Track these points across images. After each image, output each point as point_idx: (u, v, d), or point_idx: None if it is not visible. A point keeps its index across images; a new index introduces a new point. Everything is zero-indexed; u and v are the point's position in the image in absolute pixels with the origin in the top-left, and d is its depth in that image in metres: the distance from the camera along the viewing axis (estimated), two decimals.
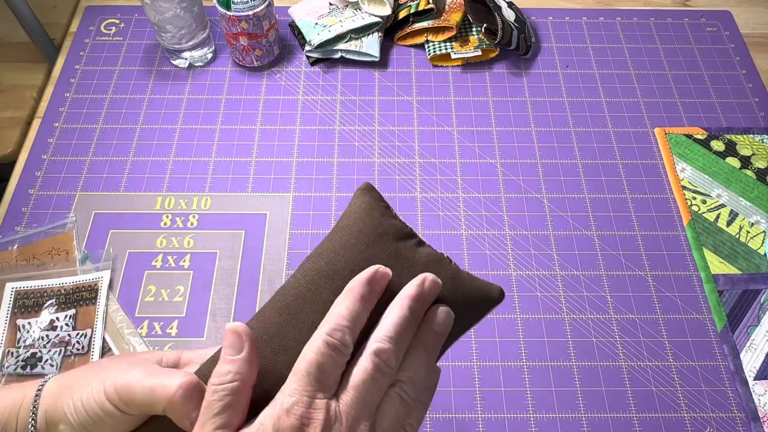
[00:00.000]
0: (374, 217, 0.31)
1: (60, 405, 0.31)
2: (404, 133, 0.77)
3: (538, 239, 0.69)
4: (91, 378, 0.31)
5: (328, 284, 0.30)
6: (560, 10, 0.90)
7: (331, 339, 0.28)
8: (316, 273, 0.30)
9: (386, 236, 0.30)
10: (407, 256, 0.30)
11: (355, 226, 0.31)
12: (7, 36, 0.94)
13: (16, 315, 0.61)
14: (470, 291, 0.30)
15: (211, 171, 0.73)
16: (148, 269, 0.66)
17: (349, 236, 0.30)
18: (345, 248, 0.30)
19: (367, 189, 0.32)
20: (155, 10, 0.73)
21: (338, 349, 0.28)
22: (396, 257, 0.30)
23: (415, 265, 0.30)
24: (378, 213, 0.31)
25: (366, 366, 0.28)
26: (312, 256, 0.31)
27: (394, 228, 0.31)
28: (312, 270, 0.30)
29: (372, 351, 0.28)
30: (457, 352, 0.61)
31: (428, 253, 0.30)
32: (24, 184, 0.72)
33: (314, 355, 0.27)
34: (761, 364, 0.61)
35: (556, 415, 0.58)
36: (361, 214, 0.31)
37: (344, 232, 0.31)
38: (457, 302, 0.30)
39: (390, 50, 0.85)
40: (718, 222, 0.70)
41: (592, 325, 0.63)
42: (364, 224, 0.31)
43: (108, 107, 0.79)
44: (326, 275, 0.30)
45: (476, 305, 0.31)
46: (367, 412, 0.28)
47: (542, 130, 0.78)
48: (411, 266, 0.30)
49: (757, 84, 0.82)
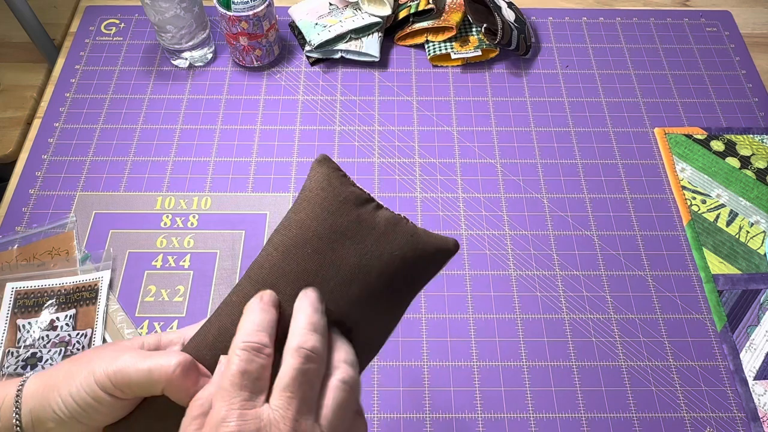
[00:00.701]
0: (334, 186, 0.32)
1: (47, 403, 0.31)
2: (404, 133, 0.77)
3: (538, 239, 0.69)
4: (77, 371, 0.31)
5: (300, 253, 0.31)
6: (560, 10, 0.90)
7: (247, 342, 0.27)
8: (288, 244, 0.32)
9: (347, 203, 0.32)
10: (368, 220, 0.32)
11: (318, 196, 0.32)
12: (7, 36, 0.94)
13: (16, 315, 0.61)
14: (428, 246, 0.33)
15: (211, 171, 0.73)
16: (148, 269, 0.66)
17: (313, 206, 0.32)
18: (310, 218, 0.32)
19: (323, 160, 0.34)
20: (155, 10, 0.73)
21: (257, 350, 0.27)
22: (359, 222, 0.32)
23: (376, 228, 0.32)
24: (337, 182, 0.33)
25: (291, 362, 0.27)
26: (280, 229, 0.33)
27: (353, 195, 0.33)
28: (282, 243, 0.32)
29: (295, 346, 0.28)
30: (457, 352, 0.61)
31: (387, 216, 0.33)
32: (24, 184, 0.72)
33: (234, 365, 0.27)
34: (761, 364, 0.61)
35: (556, 415, 0.58)
36: (322, 183, 0.33)
37: (308, 203, 0.32)
38: (416, 257, 0.32)
39: (390, 50, 0.85)
40: (717, 222, 0.70)
41: (592, 325, 0.63)
42: (325, 193, 0.32)
43: (108, 107, 0.79)
44: (297, 245, 0.32)
45: (434, 257, 0.33)
46: (306, 408, 0.27)
47: (542, 130, 0.78)
48: (373, 229, 0.32)
49: (757, 84, 0.82)
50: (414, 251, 0.32)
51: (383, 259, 0.32)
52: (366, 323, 0.32)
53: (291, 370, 0.27)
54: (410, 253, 0.32)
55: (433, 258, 0.33)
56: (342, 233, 0.32)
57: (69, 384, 0.31)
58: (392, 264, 0.32)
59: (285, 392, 0.27)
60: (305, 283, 0.31)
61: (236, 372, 0.27)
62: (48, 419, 0.31)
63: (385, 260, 0.32)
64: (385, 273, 0.32)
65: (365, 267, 0.31)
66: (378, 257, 0.32)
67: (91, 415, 0.30)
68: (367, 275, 0.31)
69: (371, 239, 0.32)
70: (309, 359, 0.28)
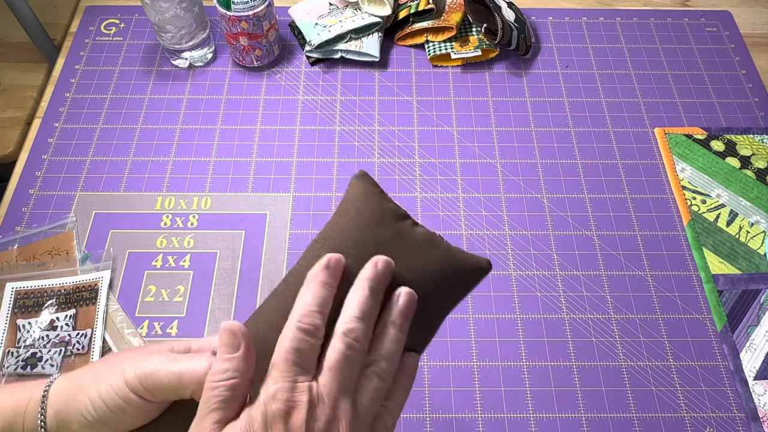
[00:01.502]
0: (373, 201, 0.33)
1: (73, 405, 0.31)
2: (404, 133, 0.77)
3: (538, 239, 0.69)
4: (106, 373, 0.31)
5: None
6: (560, 10, 0.90)
7: (302, 324, 0.29)
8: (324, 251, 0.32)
9: (386, 217, 0.33)
10: (407, 234, 0.33)
11: (356, 209, 0.33)
12: (7, 36, 0.94)
13: (16, 315, 0.61)
14: (464, 263, 0.33)
15: (211, 171, 0.73)
16: (148, 269, 0.66)
17: (353, 218, 0.33)
18: (350, 229, 0.33)
19: (362, 176, 0.34)
20: (155, 10, 0.73)
21: (310, 332, 0.29)
22: (398, 235, 0.33)
23: (415, 242, 0.33)
24: (377, 197, 0.33)
25: (338, 346, 0.29)
26: (319, 239, 0.33)
27: (392, 210, 0.33)
28: (323, 251, 0.32)
29: (342, 331, 0.30)
30: (457, 352, 0.61)
31: (424, 232, 0.33)
32: (24, 184, 0.72)
33: (289, 342, 0.29)
34: (761, 364, 0.61)
35: (556, 415, 0.58)
36: (361, 197, 0.33)
37: (347, 214, 0.33)
38: (453, 273, 0.33)
39: (390, 50, 0.85)
40: (718, 222, 0.70)
41: (592, 325, 0.63)
42: (364, 207, 0.33)
43: (108, 107, 0.79)
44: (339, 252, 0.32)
45: (468, 275, 0.34)
46: (346, 389, 0.29)
47: (542, 130, 0.78)
48: (412, 243, 0.33)
49: (757, 84, 0.82)
50: (451, 267, 0.33)
51: (423, 273, 0.32)
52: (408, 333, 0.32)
53: (336, 353, 0.29)
54: (448, 268, 0.33)
55: (469, 276, 0.34)
56: (382, 245, 0.32)
57: (98, 385, 0.31)
58: (431, 278, 0.32)
59: (330, 371, 0.29)
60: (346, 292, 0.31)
61: (290, 348, 0.29)
62: (73, 422, 0.31)
63: (424, 274, 0.32)
64: (424, 287, 0.32)
65: (406, 279, 0.32)
66: (417, 271, 0.32)
67: (119, 418, 0.30)
68: (409, 285, 0.32)
69: (410, 253, 0.32)
70: (351, 347, 0.29)
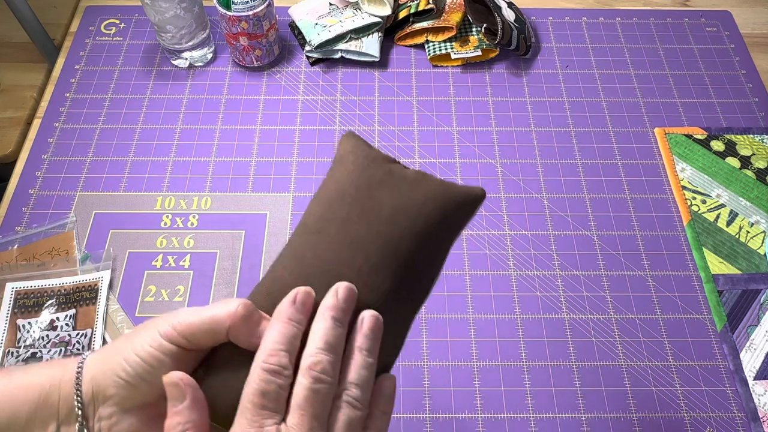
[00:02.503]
0: (363, 149, 0.36)
1: (109, 368, 0.31)
2: (404, 133, 0.77)
3: (538, 239, 0.69)
4: (139, 333, 0.32)
5: (341, 203, 0.34)
6: (560, 10, 0.90)
7: (268, 364, 0.29)
8: (329, 197, 0.34)
9: (377, 160, 0.35)
10: (399, 172, 0.35)
11: (349, 157, 0.35)
12: (7, 36, 0.94)
13: (16, 315, 0.61)
14: (458, 192, 0.35)
15: (211, 171, 0.73)
16: (148, 269, 0.66)
17: (347, 165, 0.35)
18: (346, 174, 0.35)
19: (350, 134, 0.37)
20: (155, 10, 0.73)
21: (276, 372, 0.28)
22: (390, 173, 0.35)
23: (407, 177, 0.35)
24: (366, 146, 0.36)
25: (304, 382, 0.29)
26: (318, 191, 0.36)
27: (382, 154, 0.36)
28: (323, 197, 0.35)
29: (307, 365, 0.29)
30: (457, 352, 0.61)
31: (415, 171, 0.35)
32: (24, 184, 0.72)
33: (255, 384, 0.28)
34: (761, 364, 0.61)
35: (556, 415, 0.58)
36: (353, 148, 0.36)
37: (340, 164, 0.35)
38: (448, 200, 0.34)
39: (390, 50, 0.85)
40: (718, 222, 0.70)
41: (592, 325, 0.63)
42: (356, 155, 0.35)
43: (108, 107, 0.79)
44: (337, 197, 0.34)
45: (465, 203, 0.35)
46: (318, 423, 0.28)
47: (542, 130, 0.78)
48: (404, 178, 0.34)
49: (757, 84, 0.82)
50: (446, 195, 0.34)
51: (419, 201, 0.34)
52: (411, 268, 0.33)
53: (303, 390, 0.29)
54: (442, 196, 0.34)
55: (464, 204, 0.35)
56: (377, 181, 0.34)
57: (132, 344, 0.31)
58: (427, 206, 0.34)
59: (299, 410, 0.28)
60: (350, 226, 0.33)
61: (255, 391, 0.28)
62: (109, 385, 0.31)
63: (420, 202, 0.34)
64: (422, 213, 0.33)
65: (404, 208, 0.33)
66: (414, 199, 0.34)
67: (155, 371, 0.30)
68: (406, 217, 0.33)
69: (405, 185, 0.34)
70: (319, 380, 0.29)
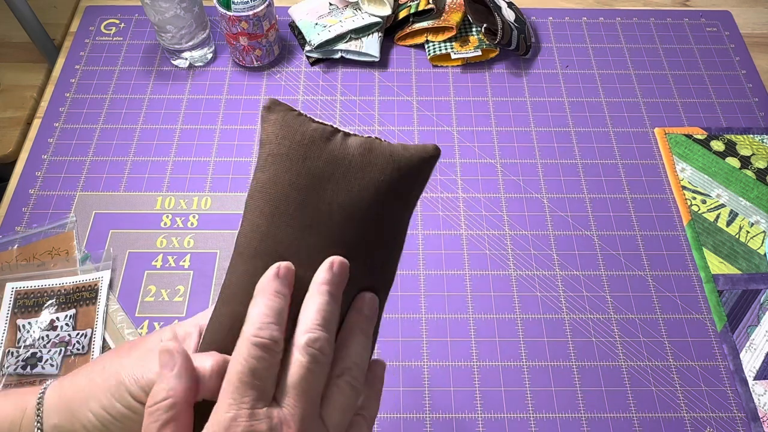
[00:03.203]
0: (294, 130, 0.30)
1: (75, 418, 0.30)
2: (404, 133, 0.77)
3: (538, 239, 0.69)
4: (103, 381, 0.30)
5: (286, 212, 0.30)
6: (560, 10, 0.90)
7: (259, 339, 0.26)
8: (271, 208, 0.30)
9: (313, 143, 0.30)
10: (342, 155, 0.30)
11: (281, 146, 0.30)
12: (7, 36, 0.94)
13: (16, 315, 0.61)
14: (410, 160, 0.31)
15: (211, 171, 0.73)
16: (148, 269, 0.66)
17: (281, 159, 0.30)
18: (282, 172, 0.30)
19: (272, 104, 0.31)
20: (155, 10, 0.73)
21: (268, 347, 0.26)
22: (332, 160, 0.30)
23: (352, 160, 0.30)
24: (296, 124, 0.30)
25: (301, 360, 0.26)
26: (254, 194, 0.30)
27: (317, 133, 0.30)
28: (263, 207, 0.30)
29: (304, 342, 0.27)
30: (457, 352, 0.61)
31: (358, 144, 0.30)
32: (24, 184, 0.72)
33: (244, 361, 0.25)
34: (761, 364, 0.61)
35: (556, 415, 0.58)
36: (281, 131, 0.30)
37: (273, 157, 0.30)
38: (402, 175, 0.31)
39: (390, 50, 0.85)
40: (718, 222, 0.70)
41: (592, 325, 0.63)
42: (288, 141, 0.30)
43: (108, 107, 0.79)
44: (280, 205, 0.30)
45: (420, 169, 0.32)
46: (313, 404, 0.26)
47: (542, 130, 0.78)
48: (350, 163, 0.30)
49: (757, 84, 0.82)
50: (398, 170, 0.31)
51: (371, 188, 0.30)
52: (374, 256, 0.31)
53: (300, 368, 0.26)
54: (395, 173, 0.31)
55: (419, 170, 0.32)
56: (320, 177, 0.30)
57: (98, 396, 0.30)
58: (381, 189, 0.30)
59: (294, 390, 0.26)
60: (302, 240, 0.29)
61: (245, 370, 0.25)
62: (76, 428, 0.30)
63: (373, 189, 0.30)
64: (377, 200, 0.30)
65: (356, 202, 0.30)
66: (365, 188, 0.30)
67: (125, 425, 0.30)
68: (360, 209, 0.30)
69: (352, 173, 0.30)
70: (316, 359, 0.27)
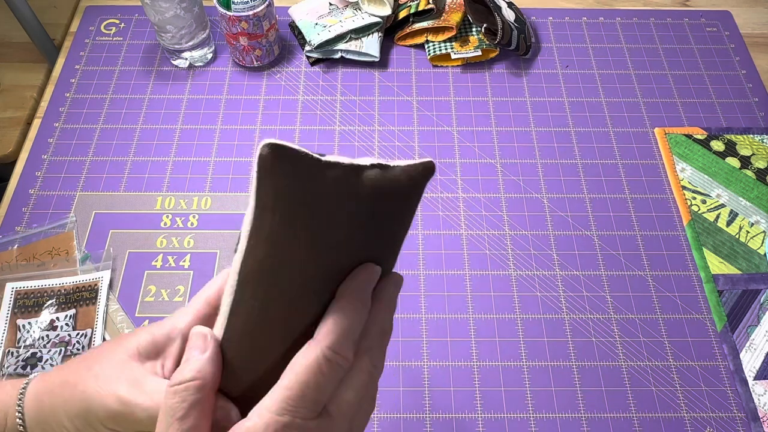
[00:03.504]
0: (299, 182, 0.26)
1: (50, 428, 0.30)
2: (404, 133, 0.77)
3: (538, 239, 0.69)
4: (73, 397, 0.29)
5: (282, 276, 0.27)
6: (560, 10, 0.90)
7: (336, 355, 0.24)
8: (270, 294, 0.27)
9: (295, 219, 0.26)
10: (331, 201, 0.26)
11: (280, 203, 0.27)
12: (7, 36, 0.94)
13: (16, 315, 0.61)
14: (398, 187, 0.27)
15: (211, 171, 0.73)
16: (148, 269, 0.66)
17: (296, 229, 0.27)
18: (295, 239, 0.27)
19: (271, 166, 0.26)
20: (155, 10, 0.73)
21: (341, 368, 0.25)
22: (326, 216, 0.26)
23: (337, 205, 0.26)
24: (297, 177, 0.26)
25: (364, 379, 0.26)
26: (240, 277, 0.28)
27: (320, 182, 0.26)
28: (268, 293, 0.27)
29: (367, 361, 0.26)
30: (457, 352, 0.61)
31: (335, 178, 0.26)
32: (24, 184, 0.72)
33: (314, 375, 0.24)
34: (761, 364, 0.61)
35: (556, 415, 0.58)
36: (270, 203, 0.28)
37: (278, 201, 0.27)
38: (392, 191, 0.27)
39: (390, 50, 0.85)
40: (718, 222, 0.70)
41: (592, 325, 0.63)
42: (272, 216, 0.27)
43: (108, 107, 0.79)
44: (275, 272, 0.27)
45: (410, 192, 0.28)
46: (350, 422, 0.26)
47: (542, 130, 0.78)
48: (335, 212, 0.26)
49: (757, 84, 0.82)
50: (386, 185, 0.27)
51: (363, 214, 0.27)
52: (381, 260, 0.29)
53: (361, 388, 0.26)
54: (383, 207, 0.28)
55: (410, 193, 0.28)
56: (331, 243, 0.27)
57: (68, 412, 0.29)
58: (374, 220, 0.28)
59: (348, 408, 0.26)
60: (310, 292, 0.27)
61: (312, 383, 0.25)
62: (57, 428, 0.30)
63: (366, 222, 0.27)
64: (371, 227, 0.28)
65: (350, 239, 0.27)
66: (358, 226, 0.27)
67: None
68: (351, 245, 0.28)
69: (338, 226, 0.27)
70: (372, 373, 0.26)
